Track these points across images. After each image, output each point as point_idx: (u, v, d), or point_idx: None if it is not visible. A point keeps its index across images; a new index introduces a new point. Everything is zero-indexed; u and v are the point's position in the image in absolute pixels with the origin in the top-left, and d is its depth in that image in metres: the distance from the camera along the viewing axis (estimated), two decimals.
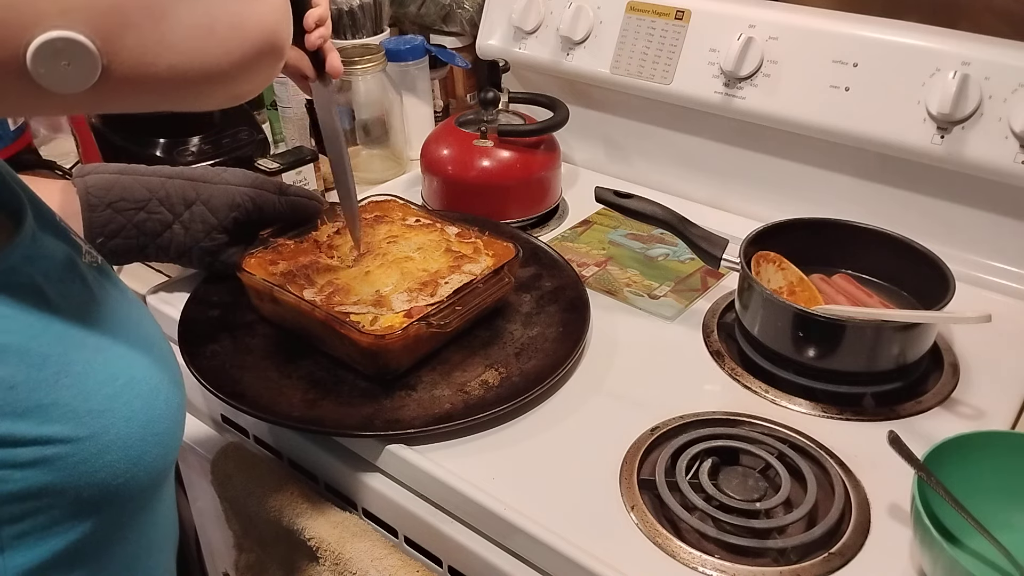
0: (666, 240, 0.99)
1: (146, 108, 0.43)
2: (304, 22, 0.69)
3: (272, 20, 0.44)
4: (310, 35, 0.70)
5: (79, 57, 0.37)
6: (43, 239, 0.46)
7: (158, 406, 0.48)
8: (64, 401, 0.42)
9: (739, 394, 0.76)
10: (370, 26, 1.25)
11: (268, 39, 0.43)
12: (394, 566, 0.67)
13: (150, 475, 0.48)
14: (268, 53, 0.44)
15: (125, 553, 0.49)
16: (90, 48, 0.37)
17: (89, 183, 0.78)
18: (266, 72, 0.45)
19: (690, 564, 0.59)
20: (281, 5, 0.44)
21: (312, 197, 0.89)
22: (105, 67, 0.38)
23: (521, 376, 0.75)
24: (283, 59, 0.46)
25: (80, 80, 0.38)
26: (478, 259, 0.83)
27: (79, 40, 0.37)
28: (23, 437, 0.41)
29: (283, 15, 0.45)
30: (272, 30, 0.44)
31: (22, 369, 0.41)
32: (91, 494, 0.44)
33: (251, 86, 0.45)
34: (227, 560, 0.89)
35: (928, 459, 0.60)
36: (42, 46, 0.36)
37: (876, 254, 0.84)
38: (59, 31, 0.36)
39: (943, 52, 0.85)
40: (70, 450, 0.42)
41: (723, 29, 0.98)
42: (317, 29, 0.70)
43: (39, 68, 0.37)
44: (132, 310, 0.52)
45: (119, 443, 0.45)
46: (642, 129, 1.12)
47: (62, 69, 0.37)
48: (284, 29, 0.45)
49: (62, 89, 0.38)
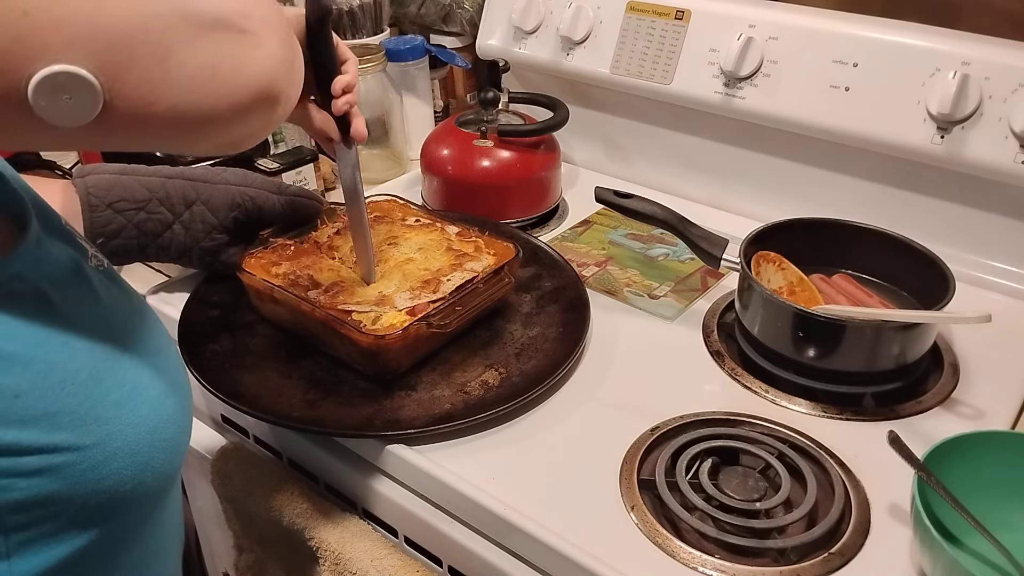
0: (666, 240, 0.99)
1: (144, 147, 0.43)
2: (332, 88, 0.71)
3: (270, 68, 0.44)
4: (337, 101, 0.71)
5: (81, 92, 0.37)
6: (48, 243, 0.46)
7: (165, 411, 0.48)
8: (70, 408, 0.42)
9: (739, 394, 0.76)
10: (370, 26, 1.25)
11: (264, 87, 0.43)
12: (394, 566, 0.67)
13: (158, 481, 0.47)
14: (264, 101, 0.44)
15: (132, 559, 0.49)
16: (93, 83, 0.37)
17: (89, 183, 0.78)
18: (262, 119, 0.45)
19: (690, 564, 0.59)
20: (281, 56, 0.44)
21: (312, 197, 0.89)
22: (107, 103, 0.38)
23: (521, 376, 0.75)
24: (279, 107, 0.46)
25: (81, 115, 0.38)
26: (479, 257, 0.83)
27: (82, 75, 0.37)
28: (29, 445, 0.40)
29: (282, 65, 0.45)
30: (269, 79, 0.44)
31: (28, 377, 0.40)
32: (98, 502, 0.44)
33: (247, 132, 0.45)
34: (227, 560, 0.89)
35: (928, 459, 0.60)
36: (44, 79, 0.36)
37: (876, 254, 0.84)
38: (62, 65, 0.36)
39: (943, 52, 0.85)
40: (77, 458, 0.42)
41: (723, 29, 0.98)
42: (344, 96, 0.72)
43: (40, 101, 0.36)
44: (138, 314, 0.51)
45: (126, 450, 0.44)
46: (642, 129, 1.12)
47: (63, 103, 0.37)
48: (282, 79, 0.45)
49: (62, 123, 0.38)
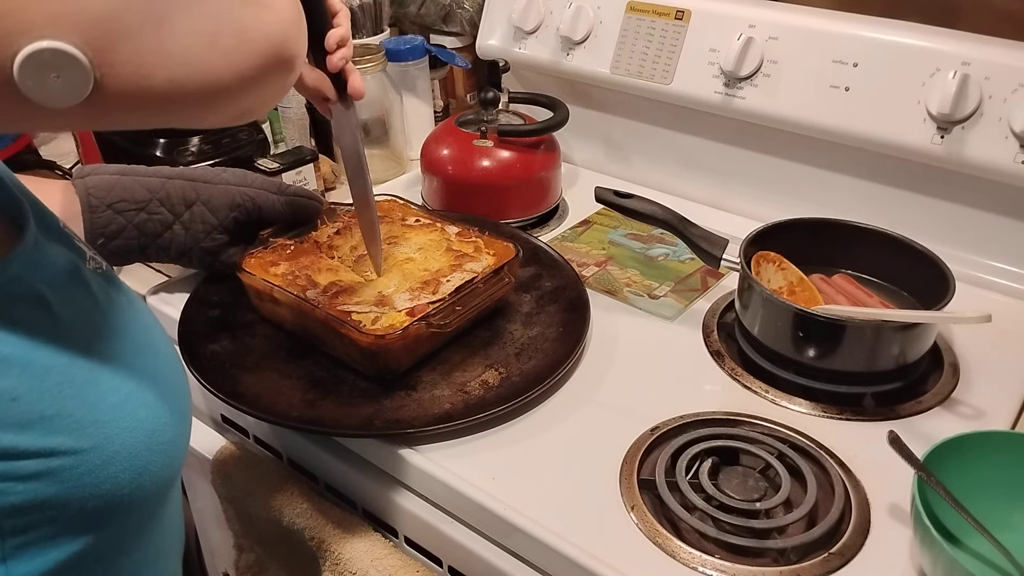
0: (666, 240, 0.99)
1: (146, 125, 0.41)
2: (325, 43, 0.66)
3: (280, 30, 0.40)
4: (331, 56, 0.67)
5: (69, 69, 0.35)
6: (46, 246, 0.46)
7: (163, 415, 0.47)
8: (68, 412, 0.41)
9: (739, 394, 0.76)
10: (370, 26, 1.25)
11: (276, 50, 0.40)
12: (394, 566, 0.67)
13: (156, 485, 0.47)
14: (276, 65, 0.41)
15: (131, 562, 0.49)
16: (80, 59, 0.35)
17: (89, 184, 0.78)
18: (274, 86, 0.42)
19: (690, 564, 0.59)
20: (291, 15, 0.41)
21: (312, 197, 0.89)
22: (98, 80, 0.36)
23: (521, 376, 0.75)
24: (294, 72, 0.43)
25: (71, 94, 0.36)
26: (479, 258, 0.83)
27: (68, 51, 0.35)
28: (26, 449, 0.40)
29: (292, 25, 0.41)
30: (280, 41, 0.40)
31: (25, 380, 0.40)
32: (96, 506, 0.43)
33: (258, 101, 0.42)
34: (227, 560, 0.89)
35: (928, 459, 0.60)
36: (29, 57, 0.34)
37: (876, 254, 0.84)
38: (47, 41, 0.34)
39: (943, 52, 0.85)
40: (74, 462, 0.42)
41: (723, 29, 0.98)
42: (339, 50, 0.67)
43: (26, 80, 0.35)
44: (137, 317, 0.51)
45: (124, 453, 0.44)
46: (642, 129, 1.12)
47: (51, 82, 0.35)
48: (294, 40, 0.42)
49: (52, 103, 0.36)
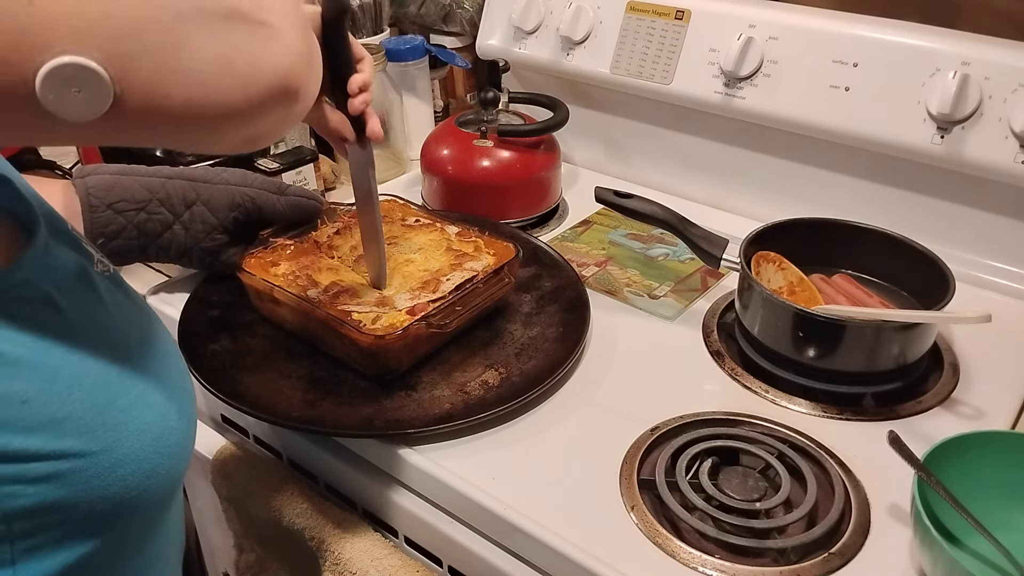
0: (666, 240, 0.99)
1: (160, 144, 0.41)
2: (348, 87, 0.69)
3: (287, 62, 0.42)
4: (353, 100, 0.70)
5: (90, 84, 0.36)
6: (56, 249, 0.46)
7: (171, 418, 0.47)
8: (77, 414, 0.42)
9: (739, 394, 0.76)
10: (370, 26, 1.25)
11: (282, 80, 0.42)
12: (394, 566, 0.67)
13: (162, 488, 0.47)
14: (282, 95, 0.42)
15: (136, 564, 0.49)
16: (102, 75, 0.36)
17: (90, 184, 0.78)
18: (280, 114, 0.44)
19: (690, 564, 0.59)
20: (298, 49, 0.43)
21: (312, 197, 0.89)
22: (118, 96, 0.37)
23: (521, 376, 0.75)
24: (298, 103, 0.44)
25: (91, 108, 0.37)
26: (479, 257, 0.83)
27: (91, 67, 0.35)
28: (36, 452, 0.40)
29: (300, 57, 0.43)
30: (286, 72, 0.42)
31: (34, 383, 0.40)
32: (103, 508, 0.43)
33: (265, 129, 0.44)
34: (227, 560, 0.89)
35: (928, 459, 0.60)
36: (52, 71, 0.35)
37: (876, 254, 0.84)
38: (70, 56, 0.35)
39: (943, 52, 0.85)
40: (83, 464, 0.42)
41: (723, 29, 0.98)
42: (360, 95, 0.70)
43: (49, 94, 0.35)
44: (143, 320, 0.51)
45: (132, 456, 0.44)
46: (642, 129, 1.12)
47: (72, 96, 0.36)
48: (300, 73, 0.43)
49: (72, 117, 0.37)
